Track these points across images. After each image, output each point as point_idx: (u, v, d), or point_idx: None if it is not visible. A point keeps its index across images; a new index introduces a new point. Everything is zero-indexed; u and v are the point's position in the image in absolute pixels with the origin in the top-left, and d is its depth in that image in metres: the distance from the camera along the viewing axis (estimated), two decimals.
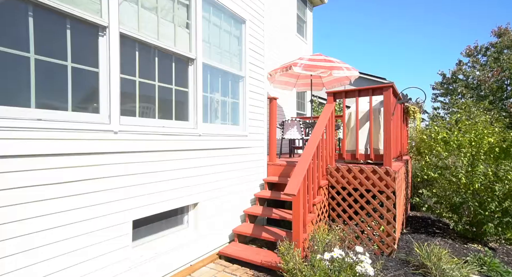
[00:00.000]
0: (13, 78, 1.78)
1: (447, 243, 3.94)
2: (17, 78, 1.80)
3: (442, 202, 4.34)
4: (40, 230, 1.80)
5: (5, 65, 1.73)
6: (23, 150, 1.72)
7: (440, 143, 4.18)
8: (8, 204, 1.66)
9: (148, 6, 2.66)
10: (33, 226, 1.77)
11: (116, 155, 2.27)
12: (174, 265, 2.80)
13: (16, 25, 1.79)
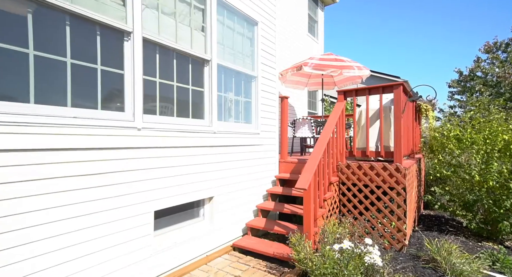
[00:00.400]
0: (53, 80, 2.00)
1: (461, 240, 3.92)
2: (56, 79, 2.01)
3: (455, 200, 4.32)
4: (78, 215, 2.01)
5: (47, 68, 1.95)
6: (62, 144, 1.93)
7: (452, 140, 4.16)
8: (52, 192, 1.88)
9: (167, 11, 2.84)
10: (71, 212, 1.98)
11: (140, 150, 2.46)
12: (191, 254, 2.97)
13: (56, 33, 2.00)
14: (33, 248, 1.80)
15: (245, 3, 3.78)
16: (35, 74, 1.89)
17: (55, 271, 1.90)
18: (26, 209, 1.77)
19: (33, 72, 1.88)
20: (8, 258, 1.69)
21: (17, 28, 1.82)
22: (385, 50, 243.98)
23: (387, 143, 3.77)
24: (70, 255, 1.99)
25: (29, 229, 1.79)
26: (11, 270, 1.70)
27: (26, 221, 1.77)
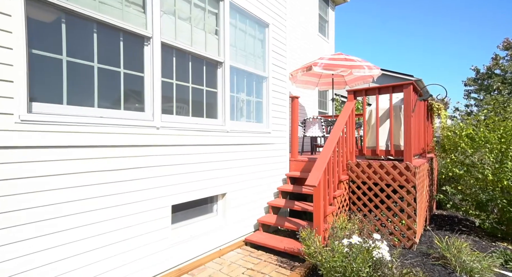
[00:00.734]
0: (82, 83, 2.18)
1: (473, 240, 3.90)
2: (85, 82, 2.20)
3: (467, 200, 4.29)
4: (103, 208, 2.19)
5: (77, 72, 2.14)
6: (90, 142, 2.11)
7: (465, 139, 4.13)
8: (82, 185, 2.06)
9: (183, 16, 3.00)
10: (98, 205, 2.16)
11: (158, 148, 2.63)
12: (205, 247, 3.12)
13: (86, 40, 2.19)
14: (69, 234, 1.99)
15: (256, 6, 3.90)
16: (67, 78, 2.08)
17: (87, 256, 2.08)
18: (63, 200, 1.95)
19: (65, 76, 2.07)
20: (59, 239, 1.88)
21: (53, 37, 2.01)
22: (399, 48, 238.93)
23: (397, 142, 3.80)
24: (99, 243, 2.16)
25: (65, 218, 1.97)
26: (59, 251, 1.89)
27: (63, 211, 1.96)
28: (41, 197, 1.86)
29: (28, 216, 1.80)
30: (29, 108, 1.83)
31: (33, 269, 1.82)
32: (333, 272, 2.30)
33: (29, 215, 1.81)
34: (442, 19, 79.36)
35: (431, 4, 78.03)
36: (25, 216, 1.79)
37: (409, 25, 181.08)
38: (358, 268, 2.21)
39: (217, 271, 2.84)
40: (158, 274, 2.62)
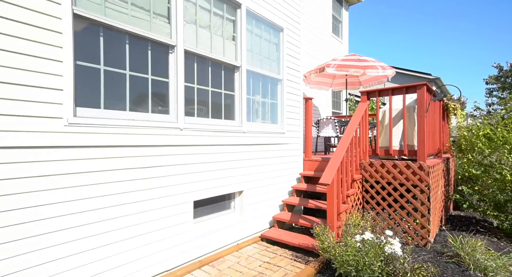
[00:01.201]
0: (116, 89, 2.43)
1: (491, 241, 3.88)
2: (118, 88, 2.45)
3: (485, 200, 4.25)
4: (133, 201, 2.43)
5: (112, 79, 2.39)
6: (123, 142, 2.35)
7: (482, 139, 4.10)
8: (112, 181, 2.30)
9: (203, 25, 3.21)
10: (129, 199, 2.40)
11: (181, 148, 2.85)
12: (224, 242, 3.32)
13: (119, 50, 2.44)
14: (108, 224, 2.23)
15: (272, 11, 4.07)
16: (104, 85, 2.33)
17: (122, 244, 2.33)
18: (102, 194, 2.20)
19: (102, 83, 2.32)
20: (100, 228, 2.13)
21: (92, 48, 2.27)
22: (418, 46, 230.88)
23: (411, 142, 3.84)
24: (131, 233, 2.40)
25: (101, 210, 2.22)
26: (101, 238, 2.15)
27: (98, 204, 2.21)
28: (85, 190, 2.11)
29: (76, 205, 2.05)
30: (75, 112, 2.08)
31: (85, 251, 2.08)
32: (346, 265, 2.43)
33: (77, 205, 2.06)
34: (466, 15, 75.57)
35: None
36: (75, 205, 2.04)
37: (427, 26, 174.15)
38: (370, 262, 2.32)
39: (235, 263, 3.03)
40: (182, 264, 2.84)
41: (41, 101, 1.90)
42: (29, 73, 1.85)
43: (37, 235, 1.88)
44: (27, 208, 1.84)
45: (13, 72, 1.78)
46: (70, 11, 2.04)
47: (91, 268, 2.15)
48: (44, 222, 1.92)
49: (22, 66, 1.82)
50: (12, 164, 1.78)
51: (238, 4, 3.54)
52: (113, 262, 2.28)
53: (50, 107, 1.94)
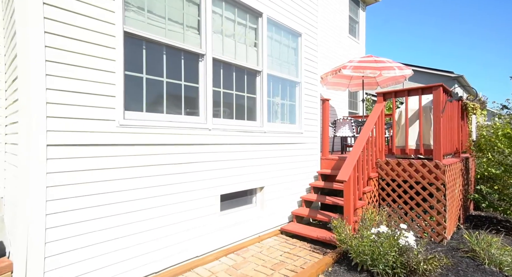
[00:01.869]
0: (155, 94, 2.77)
1: (510, 239, 3.89)
2: (157, 94, 2.79)
3: (505, 199, 4.25)
4: (170, 193, 2.76)
5: (152, 86, 2.73)
6: (162, 141, 2.69)
7: (501, 139, 4.12)
8: (144, 175, 2.64)
9: (228, 34, 3.51)
10: (168, 190, 2.73)
11: (210, 146, 3.16)
12: (247, 233, 3.60)
13: (158, 60, 2.78)
14: (148, 213, 2.57)
15: (290, 18, 4.31)
16: (146, 91, 2.68)
17: (159, 232, 2.66)
18: (146, 185, 2.54)
19: (144, 89, 2.67)
20: (142, 216, 2.48)
21: (136, 59, 2.62)
22: (442, 44, 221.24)
23: (427, 141, 3.94)
24: (166, 222, 2.73)
25: (144, 200, 2.56)
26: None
27: (143, 194, 2.55)
28: (133, 182, 2.46)
29: (126, 195, 2.40)
30: (124, 115, 2.43)
31: (132, 234, 2.43)
32: (362, 254, 2.63)
33: (127, 194, 2.41)
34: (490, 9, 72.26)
35: None
36: (125, 194, 2.39)
37: (451, 21, 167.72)
38: (384, 252, 2.51)
39: (258, 253, 3.30)
40: (210, 251, 3.15)
41: (99, 106, 2.26)
42: (90, 83, 2.21)
43: (100, 218, 2.25)
44: (89, 196, 2.20)
45: (80, 82, 2.15)
46: (122, 29, 2.39)
47: (135, 250, 2.49)
48: (104, 207, 2.27)
49: (86, 78, 2.19)
50: (78, 159, 2.15)
51: (260, 13, 3.81)
52: (153, 246, 2.62)
53: (106, 111, 2.30)
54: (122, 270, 2.40)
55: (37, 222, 1.95)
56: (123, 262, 2.41)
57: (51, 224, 2.02)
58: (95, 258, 2.24)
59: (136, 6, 2.60)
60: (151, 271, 2.62)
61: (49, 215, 2.01)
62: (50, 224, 2.01)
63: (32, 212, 1.94)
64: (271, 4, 3.95)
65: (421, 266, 2.43)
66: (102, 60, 2.27)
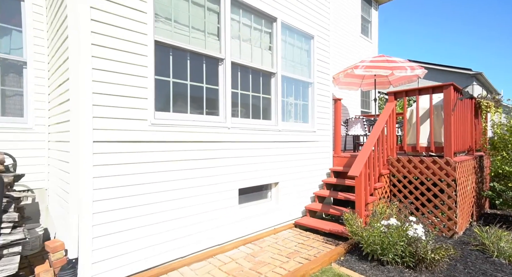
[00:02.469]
0: (180, 96, 3.06)
1: None
2: (182, 95, 3.07)
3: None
4: (196, 186, 3.03)
5: (178, 88, 3.02)
6: (185, 137, 2.96)
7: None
8: (172, 169, 2.92)
9: (245, 38, 3.76)
10: (192, 183, 3.01)
11: (229, 143, 3.41)
12: (263, 225, 3.83)
13: (182, 65, 3.06)
14: (173, 204, 2.86)
15: (303, 22, 4.50)
16: (172, 93, 2.96)
17: (187, 220, 2.94)
18: (176, 178, 2.83)
19: (171, 91, 2.96)
20: (166, 206, 2.77)
21: (164, 65, 2.91)
22: (463, 41, 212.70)
23: (438, 139, 4.04)
24: (189, 212, 3.01)
25: (173, 191, 2.84)
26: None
27: (173, 186, 2.83)
28: (163, 175, 2.75)
29: (156, 186, 2.70)
30: (154, 115, 2.73)
31: (160, 222, 2.72)
32: (373, 244, 2.80)
33: (156, 186, 2.70)
34: None
35: None
36: (154, 186, 2.69)
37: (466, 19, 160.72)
38: (394, 241, 2.67)
39: (273, 243, 3.52)
40: (229, 240, 3.41)
41: (134, 107, 2.56)
42: (127, 87, 2.52)
43: (135, 206, 2.55)
44: (126, 186, 2.50)
45: (119, 87, 2.46)
46: (153, 39, 2.68)
47: (164, 236, 2.78)
48: (138, 197, 2.57)
49: (124, 82, 2.49)
50: (117, 153, 2.45)
51: (274, 18, 4.03)
52: (179, 233, 2.90)
53: (140, 112, 2.60)
54: (152, 253, 2.69)
55: (86, 208, 2.27)
56: (154, 246, 2.70)
57: (97, 210, 2.33)
58: (131, 242, 2.54)
59: (164, 17, 2.90)
60: (178, 256, 2.90)
61: (95, 202, 2.32)
62: (96, 209, 2.32)
63: (82, 200, 2.25)
64: (285, 9, 4.17)
65: (429, 255, 2.58)
66: (136, 66, 2.58)
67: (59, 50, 2.81)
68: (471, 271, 2.69)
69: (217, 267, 2.86)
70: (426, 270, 2.64)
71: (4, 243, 2.00)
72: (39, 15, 3.40)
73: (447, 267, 2.75)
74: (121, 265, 2.47)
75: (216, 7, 3.38)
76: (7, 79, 3.29)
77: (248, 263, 2.94)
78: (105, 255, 2.38)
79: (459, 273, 2.65)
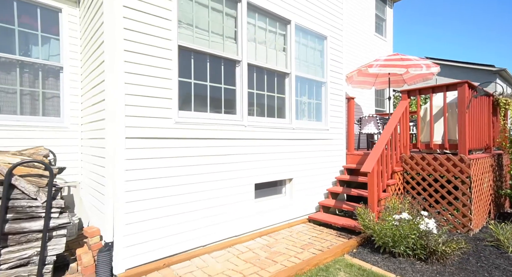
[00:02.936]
0: (201, 96, 3.29)
1: None
2: (202, 95, 3.30)
3: None
4: (215, 180, 3.25)
5: (198, 89, 3.25)
6: (205, 135, 3.19)
7: None
8: (193, 164, 3.15)
9: (260, 41, 3.94)
10: (212, 177, 3.23)
11: (245, 140, 3.61)
12: (278, 219, 4.00)
13: (203, 67, 3.29)
14: (193, 197, 3.09)
15: (316, 23, 4.64)
16: (193, 93, 3.20)
17: (206, 211, 3.17)
18: (198, 172, 3.06)
19: (193, 92, 3.19)
20: (184, 199, 3.00)
21: (186, 67, 3.15)
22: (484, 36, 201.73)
23: (453, 136, 4.05)
24: (210, 204, 3.23)
25: (193, 184, 3.07)
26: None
27: (194, 179, 3.06)
28: (184, 169, 2.99)
29: (179, 179, 2.94)
30: (178, 114, 2.97)
31: (182, 213, 2.95)
32: (384, 237, 2.90)
33: (180, 179, 2.94)
34: None
35: None
36: (178, 179, 2.93)
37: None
38: (405, 234, 2.77)
39: (288, 236, 3.68)
40: (246, 232, 3.60)
41: (160, 107, 2.81)
42: (154, 89, 2.77)
43: (160, 197, 2.79)
44: (152, 179, 2.76)
45: (147, 88, 2.72)
46: (176, 44, 2.93)
47: (186, 225, 3.01)
48: (164, 188, 2.82)
49: (151, 84, 2.74)
50: (145, 149, 2.71)
51: (288, 21, 4.20)
52: (200, 223, 3.13)
53: (165, 111, 2.85)
54: (176, 241, 2.93)
55: (120, 198, 2.53)
56: (177, 235, 2.94)
57: (129, 199, 2.59)
58: (157, 229, 2.79)
59: (186, 23, 3.14)
60: (199, 245, 3.13)
61: (127, 192, 2.58)
62: (128, 199, 2.59)
63: (116, 190, 2.52)
64: (298, 12, 4.32)
65: (440, 248, 2.66)
66: (162, 69, 2.82)
67: (93, 55, 3.12)
68: (484, 265, 2.74)
69: (235, 256, 3.06)
70: (438, 263, 2.72)
71: (54, 226, 2.29)
72: (73, 24, 3.75)
73: (459, 260, 2.81)
74: (149, 250, 2.72)
75: (233, 12, 3.59)
76: (47, 82, 3.65)
77: (264, 253, 3.12)
78: (136, 240, 2.63)
79: (471, 266, 2.70)
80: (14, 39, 3.35)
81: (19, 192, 2.18)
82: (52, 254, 2.30)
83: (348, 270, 2.65)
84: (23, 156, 2.50)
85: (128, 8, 2.60)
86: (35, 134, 3.46)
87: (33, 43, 3.52)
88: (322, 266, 2.74)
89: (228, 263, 2.86)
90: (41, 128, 3.51)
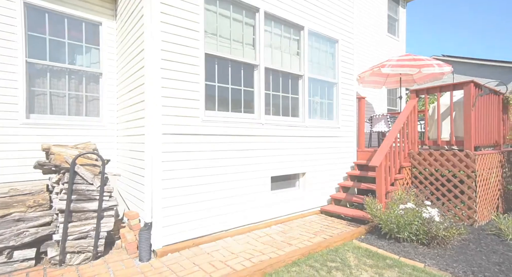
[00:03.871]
0: (223, 97, 3.69)
1: None
2: (224, 97, 3.70)
3: None
4: (237, 172, 3.65)
5: (221, 91, 3.66)
6: (227, 131, 3.59)
7: None
8: (217, 157, 3.55)
9: (275, 46, 4.30)
10: (235, 169, 3.63)
11: (262, 137, 3.99)
12: (292, 210, 4.35)
13: (225, 71, 3.70)
14: (218, 186, 3.50)
15: (328, 28, 4.94)
16: (217, 95, 3.61)
17: (229, 200, 3.57)
18: (222, 164, 3.47)
19: (216, 94, 3.60)
20: (210, 188, 3.42)
21: (211, 72, 3.56)
22: None
23: (460, 133, 4.25)
24: (231, 193, 3.63)
25: (219, 175, 3.48)
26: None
27: (218, 171, 3.47)
28: (211, 162, 3.40)
29: (206, 171, 3.35)
30: (204, 113, 3.39)
31: (209, 200, 3.37)
32: (390, 223, 3.20)
33: (206, 170, 3.36)
34: None
35: None
36: (205, 170, 3.34)
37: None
38: (409, 221, 3.06)
39: (301, 224, 4.03)
40: (263, 220, 3.98)
41: (190, 107, 3.24)
42: (185, 91, 3.20)
43: (190, 186, 3.22)
44: (184, 169, 3.19)
45: (179, 91, 3.15)
46: (203, 52, 3.35)
47: (211, 211, 3.43)
48: (193, 178, 3.24)
49: (182, 87, 3.18)
50: (178, 143, 3.14)
51: (302, 27, 4.54)
52: (223, 210, 3.53)
53: (194, 111, 3.27)
54: (203, 225, 3.35)
55: (158, 186, 2.97)
56: (204, 219, 3.36)
57: (165, 186, 3.03)
58: (186, 213, 3.21)
59: (211, 32, 3.55)
60: (222, 229, 3.53)
61: (163, 180, 3.02)
62: (165, 186, 3.03)
63: (154, 179, 2.96)
64: (311, 18, 4.65)
65: (440, 232, 2.92)
66: (191, 74, 3.25)
67: (131, 61, 3.59)
68: (483, 250, 2.98)
69: (254, 239, 3.44)
70: (438, 246, 2.99)
71: (105, 207, 2.76)
72: (111, 36, 4.26)
73: (459, 245, 3.06)
74: (180, 231, 3.15)
75: (252, 21, 3.98)
76: (89, 87, 4.17)
77: (280, 238, 3.49)
78: (171, 222, 3.07)
79: (470, 250, 2.95)
80: (64, 50, 3.89)
81: (79, 178, 2.66)
82: (104, 231, 2.77)
83: (355, 251, 2.97)
84: (79, 149, 2.99)
85: (164, 23, 3.04)
86: (80, 132, 3.99)
87: (78, 53, 4.05)
88: (332, 248, 3.07)
89: (248, 245, 3.25)
90: (85, 127, 4.03)
